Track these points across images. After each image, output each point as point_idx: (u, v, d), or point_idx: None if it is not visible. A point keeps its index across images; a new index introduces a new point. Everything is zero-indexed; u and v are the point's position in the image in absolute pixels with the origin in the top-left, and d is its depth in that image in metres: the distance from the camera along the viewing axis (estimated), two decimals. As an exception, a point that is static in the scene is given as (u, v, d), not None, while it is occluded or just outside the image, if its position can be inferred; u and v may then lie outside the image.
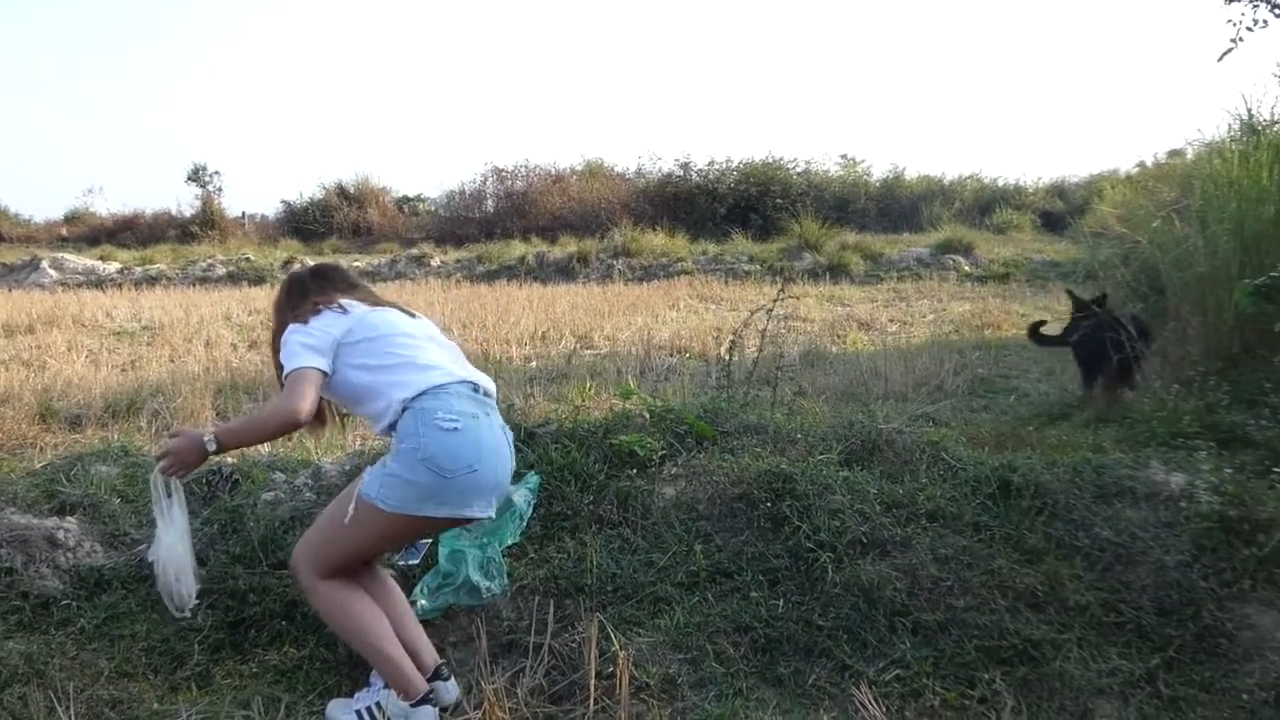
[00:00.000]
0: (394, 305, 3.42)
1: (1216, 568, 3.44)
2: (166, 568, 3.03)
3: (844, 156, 29.75)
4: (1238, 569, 3.43)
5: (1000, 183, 28.87)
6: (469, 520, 3.20)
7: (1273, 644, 3.17)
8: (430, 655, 3.15)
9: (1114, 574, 3.49)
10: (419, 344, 3.29)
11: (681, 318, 12.21)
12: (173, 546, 3.03)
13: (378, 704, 2.94)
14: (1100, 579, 3.48)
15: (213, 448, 2.99)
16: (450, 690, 3.12)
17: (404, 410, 3.10)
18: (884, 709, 2.95)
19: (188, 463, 3.05)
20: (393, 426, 3.11)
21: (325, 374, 3.10)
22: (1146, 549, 3.55)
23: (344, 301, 3.32)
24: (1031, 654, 3.20)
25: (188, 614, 3.15)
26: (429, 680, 3.06)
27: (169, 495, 3.04)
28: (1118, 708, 3.04)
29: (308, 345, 3.12)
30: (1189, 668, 3.19)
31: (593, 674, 2.90)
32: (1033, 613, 3.35)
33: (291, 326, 3.20)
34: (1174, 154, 11.73)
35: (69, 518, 3.80)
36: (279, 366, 3.18)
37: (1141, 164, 18.49)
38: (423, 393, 3.13)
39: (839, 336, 10.59)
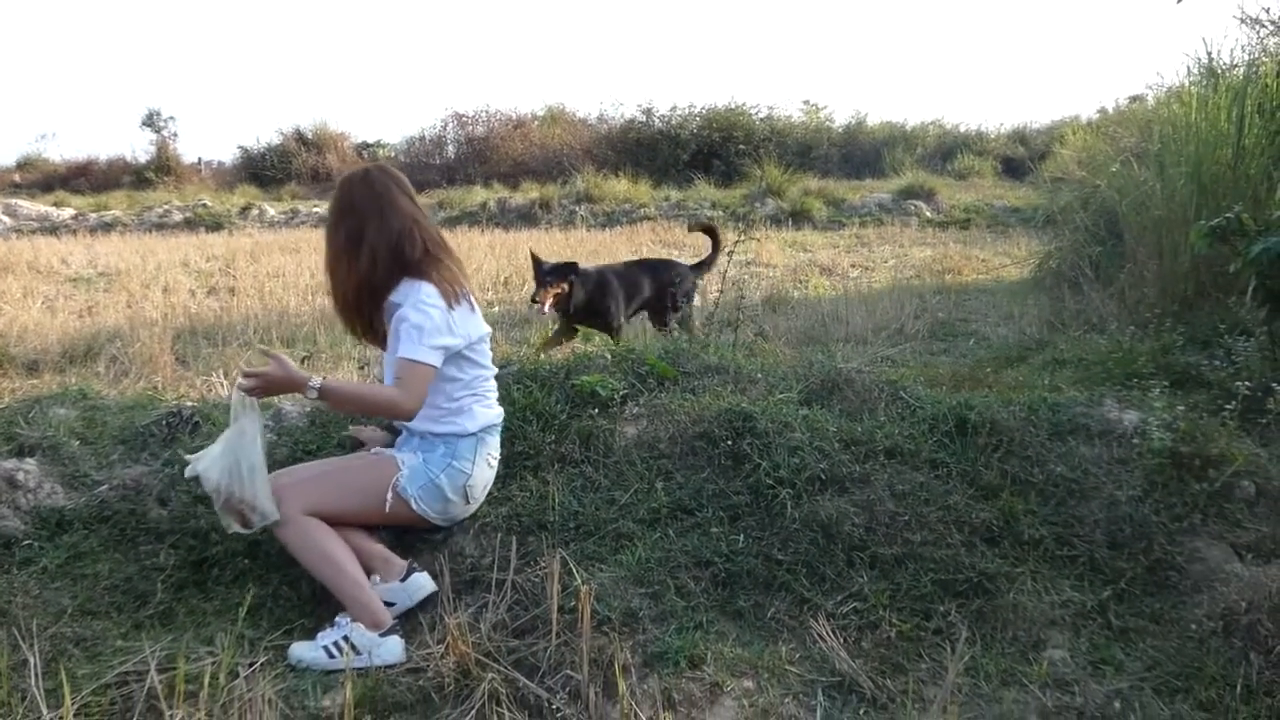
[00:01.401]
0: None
1: (1168, 503, 3.52)
2: (251, 482, 3.02)
3: (807, 102, 29.65)
4: (1188, 504, 3.51)
5: (962, 129, 28.88)
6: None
7: (1221, 576, 3.25)
8: (398, 560, 3.32)
9: (1067, 509, 3.56)
10: (489, 359, 3.53)
11: (644, 263, 12.18)
12: (255, 465, 3.03)
13: (345, 638, 2.97)
14: (1054, 514, 3.55)
15: (313, 395, 3.05)
16: (426, 581, 3.27)
17: (469, 434, 3.37)
18: (841, 640, 3.01)
19: (273, 392, 3.14)
20: (436, 433, 3.35)
21: (437, 368, 3.26)
22: (1099, 484, 3.62)
23: (470, 295, 3.44)
24: (986, 587, 3.26)
25: (269, 520, 3.11)
26: (404, 579, 3.24)
27: (249, 412, 3.04)
28: (1069, 638, 3.11)
29: (440, 346, 3.23)
30: (1139, 599, 3.27)
31: (555, 608, 2.93)
32: (987, 547, 3.41)
33: (423, 298, 3.25)
34: (1135, 100, 11.80)
35: (28, 459, 3.77)
36: (358, 294, 3.32)
37: (1103, 110, 18.58)
38: (488, 426, 3.46)
39: (801, 281, 10.63)
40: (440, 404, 3.34)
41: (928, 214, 18.03)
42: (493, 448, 3.49)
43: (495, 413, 3.53)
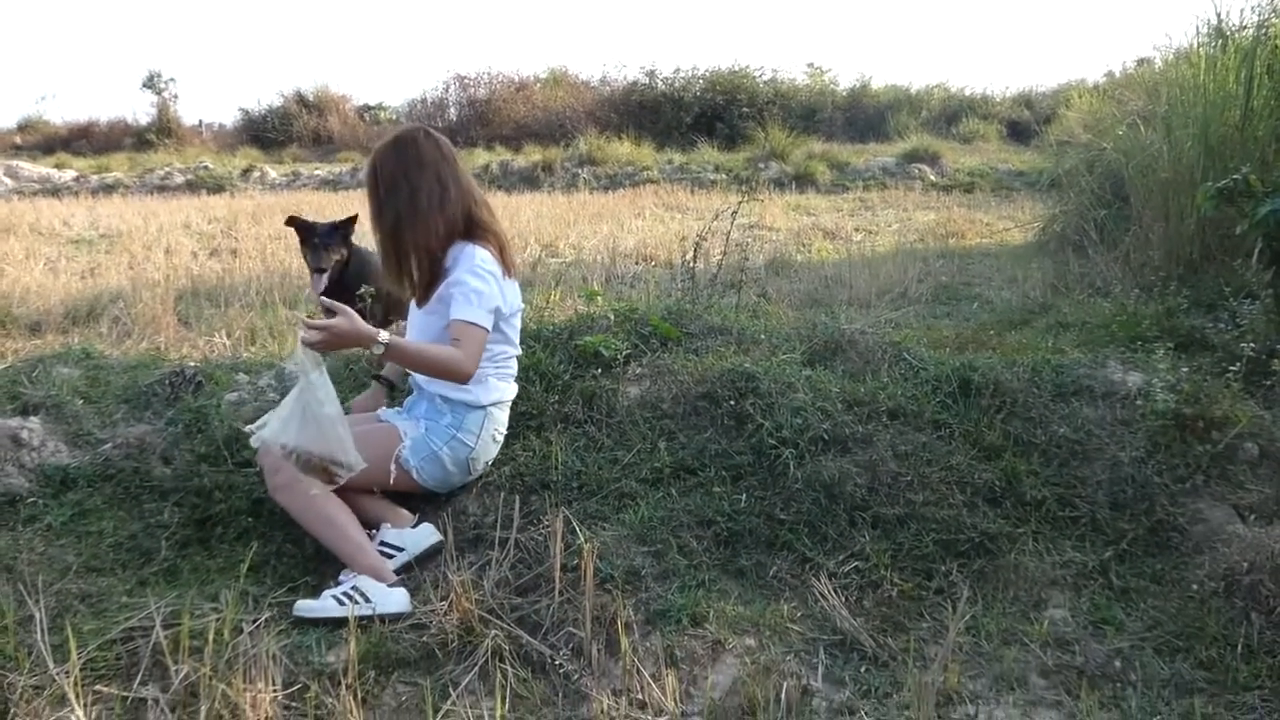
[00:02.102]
0: None
1: (1170, 464, 3.53)
2: (333, 437, 3.01)
3: (810, 65, 29.57)
4: (1191, 465, 3.51)
5: (967, 92, 28.73)
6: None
7: (1223, 537, 3.26)
8: (406, 511, 3.40)
9: (1070, 470, 3.57)
10: (518, 337, 3.55)
11: (647, 226, 12.15)
12: (334, 416, 3.02)
13: (354, 587, 2.99)
14: (1056, 475, 3.55)
15: (379, 350, 3.02)
16: (433, 530, 3.33)
17: (479, 407, 3.37)
18: (843, 599, 3.02)
19: (338, 346, 3.08)
20: (449, 398, 3.35)
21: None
22: (1102, 446, 3.62)
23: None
24: (987, 547, 3.28)
25: (356, 469, 3.10)
26: (413, 526, 3.33)
27: (316, 367, 3.00)
28: (1070, 598, 3.12)
29: (493, 309, 3.27)
30: (1141, 560, 3.28)
31: (558, 567, 2.94)
32: (990, 507, 3.42)
33: (479, 263, 3.28)
34: (1142, 62, 11.67)
35: (32, 418, 3.77)
36: (420, 255, 3.32)
37: (1110, 73, 18.39)
38: (500, 401, 3.47)
39: (804, 245, 10.59)
40: None
41: (932, 178, 17.95)
42: (500, 423, 3.50)
43: (510, 389, 3.54)
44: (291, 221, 4.85)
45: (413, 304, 3.47)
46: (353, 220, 4.74)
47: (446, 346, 3.18)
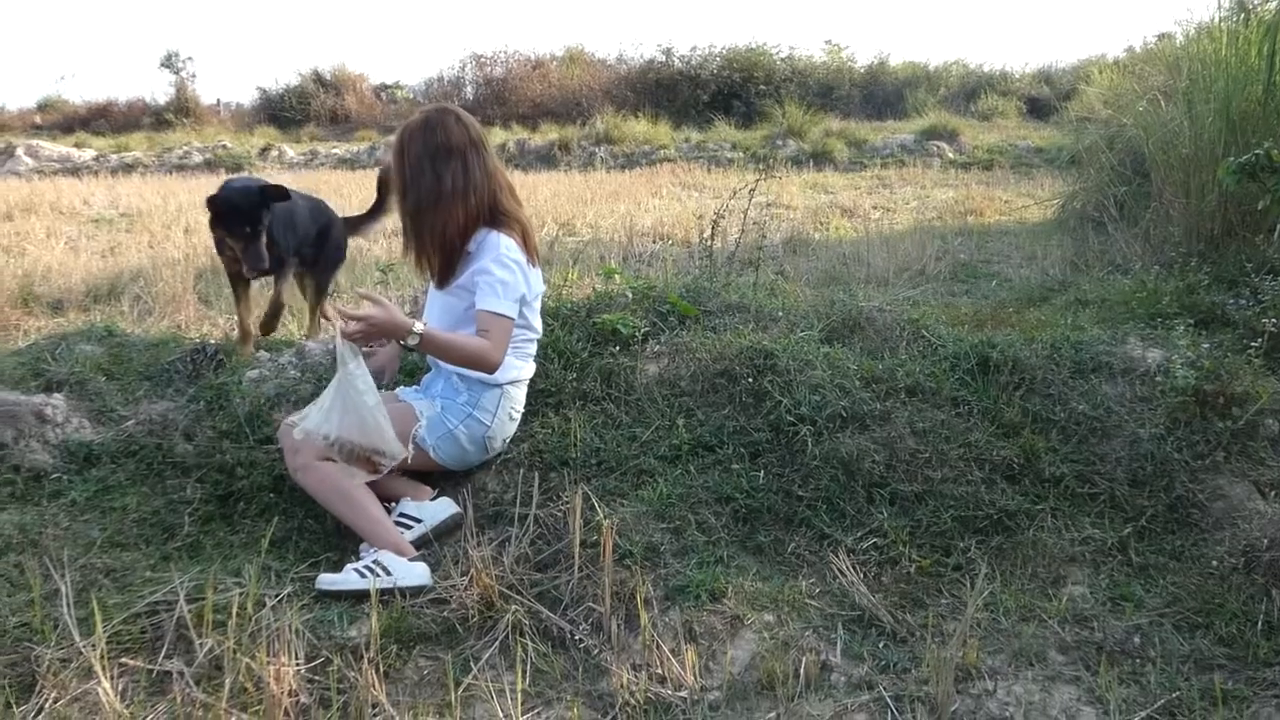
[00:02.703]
0: None
1: (1190, 440, 3.51)
2: (374, 429, 3.06)
3: (828, 42, 29.51)
4: (1211, 441, 3.50)
5: (986, 69, 28.47)
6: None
7: (1243, 513, 3.25)
8: (425, 489, 3.43)
9: (1089, 446, 3.56)
10: (539, 321, 3.58)
11: (664, 205, 12.13)
12: (373, 405, 3.05)
13: (376, 561, 3.02)
14: (1075, 451, 3.55)
15: (414, 341, 3.07)
16: (452, 503, 3.36)
17: (496, 385, 3.37)
18: (861, 575, 3.03)
19: (376, 336, 3.11)
20: (467, 376, 3.35)
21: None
22: (1121, 422, 3.62)
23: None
24: (1006, 523, 3.28)
25: (399, 459, 3.16)
26: (432, 499, 3.37)
27: (354, 357, 3.04)
28: (1089, 575, 3.12)
29: (518, 298, 3.30)
30: (1160, 537, 3.27)
31: (577, 543, 2.96)
32: (1008, 484, 3.42)
33: (504, 251, 3.29)
34: (1163, 37, 11.54)
35: (56, 395, 3.81)
36: (446, 239, 3.31)
37: (1130, 48, 18.24)
38: (517, 380, 3.48)
39: (822, 223, 10.55)
40: None
41: (950, 155, 17.85)
42: (517, 401, 3.51)
43: (528, 368, 3.56)
44: (211, 202, 4.16)
45: (431, 285, 3.47)
46: (278, 189, 4.26)
47: (477, 338, 3.20)
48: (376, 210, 5.19)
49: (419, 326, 3.04)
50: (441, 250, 3.34)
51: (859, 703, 2.52)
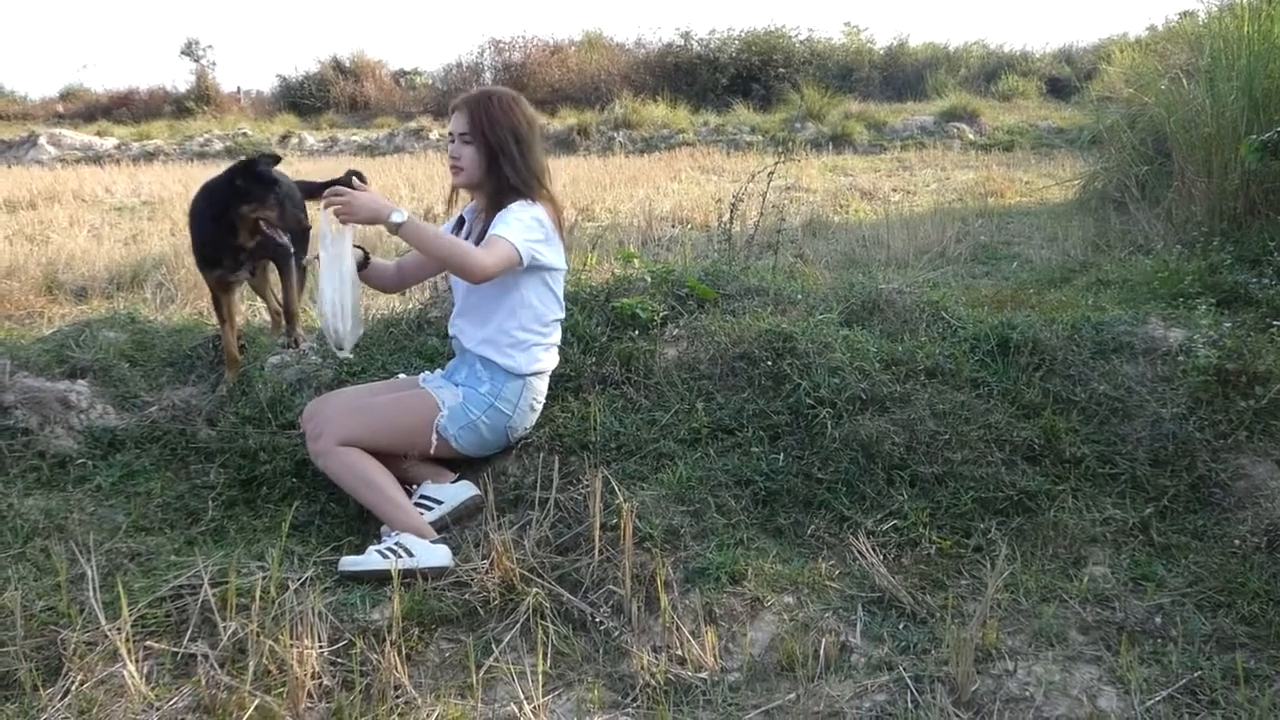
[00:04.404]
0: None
1: (1212, 420, 3.49)
2: (324, 304, 3.11)
3: (847, 24, 29.43)
4: (1233, 421, 3.47)
5: (1006, 49, 28.34)
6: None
7: (1266, 493, 3.24)
8: (447, 472, 3.44)
9: (1110, 427, 3.55)
10: (562, 298, 3.56)
11: (683, 189, 12.12)
12: (329, 285, 3.09)
13: (397, 543, 3.04)
14: (1096, 432, 3.53)
15: (399, 220, 3.03)
16: (472, 486, 3.37)
17: (519, 376, 3.39)
18: (881, 557, 3.03)
19: (357, 215, 3.05)
20: (491, 362, 3.36)
21: (519, 264, 3.24)
22: (1143, 402, 3.60)
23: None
24: (1027, 504, 3.27)
25: (348, 354, 3.23)
26: (453, 482, 3.38)
27: (339, 236, 3.07)
28: (1110, 555, 3.11)
29: (532, 239, 3.27)
30: (1182, 517, 3.26)
31: (597, 526, 2.96)
32: (1029, 465, 3.41)
33: (534, 212, 3.32)
34: (1185, 15, 11.44)
35: (80, 381, 3.85)
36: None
37: (1152, 27, 18.09)
38: (540, 372, 3.48)
39: (841, 206, 10.53)
40: (511, 330, 3.37)
41: (970, 136, 17.79)
42: (539, 391, 3.51)
43: (552, 359, 3.56)
44: (251, 166, 3.84)
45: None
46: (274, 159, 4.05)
47: (469, 244, 3.21)
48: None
49: (402, 213, 3.04)
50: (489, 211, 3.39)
51: (879, 683, 2.53)
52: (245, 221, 3.79)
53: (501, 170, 3.34)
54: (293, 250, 4.01)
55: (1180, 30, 10.41)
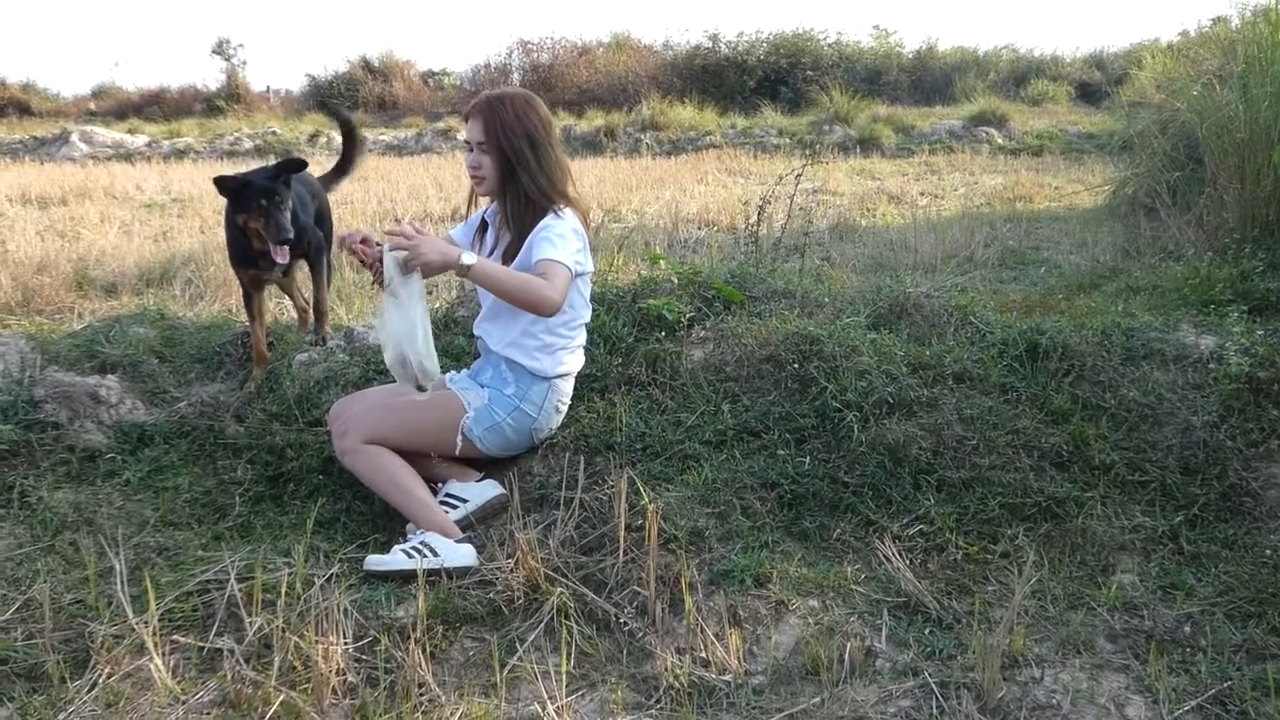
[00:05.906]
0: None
1: (1244, 428, 3.46)
2: (396, 346, 3.02)
3: (876, 27, 29.33)
4: (1265, 429, 3.44)
5: (1036, 54, 28.18)
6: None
7: (1297, 502, 3.21)
8: (471, 471, 3.45)
9: (1140, 434, 3.52)
10: (589, 300, 3.56)
11: (710, 191, 12.10)
12: (399, 327, 3.01)
13: (422, 542, 3.04)
14: (1126, 439, 3.50)
15: (469, 262, 2.99)
16: (497, 485, 3.39)
17: (544, 379, 3.39)
18: (907, 562, 3.01)
19: (427, 262, 2.99)
20: (517, 364, 3.36)
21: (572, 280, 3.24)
22: (1173, 410, 3.57)
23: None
24: (1055, 511, 3.25)
25: (433, 386, 3.12)
26: (478, 481, 3.39)
27: (407, 281, 3.00)
28: (1139, 563, 3.09)
29: (575, 252, 3.26)
30: (1212, 525, 3.23)
31: (622, 526, 2.96)
32: (1057, 471, 3.39)
33: (566, 219, 3.31)
34: (1218, 20, 11.33)
35: (110, 376, 3.87)
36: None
37: (1184, 32, 17.95)
38: (565, 374, 3.48)
39: (869, 210, 10.49)
40: (537, 333, 3.36)
41: (999, 141, 17.69)
42: (564, 394, 3.51)
43: (577, 361, 3.56)
44: (222, 182, 3.87)
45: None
46: (299, 164, 4.06)
47: (537, 279, 3.12)
48: (346, 163, 4.93)
49: (470, 257, 2.99)
50: (511, 221, 3.38)
51: (904, 689, 2.51)
52: (248, 229, 3.86)
53: (519, 181, 3.30)
54: (324, 248, 4.14)
55: (1213, 36, 10.32)
